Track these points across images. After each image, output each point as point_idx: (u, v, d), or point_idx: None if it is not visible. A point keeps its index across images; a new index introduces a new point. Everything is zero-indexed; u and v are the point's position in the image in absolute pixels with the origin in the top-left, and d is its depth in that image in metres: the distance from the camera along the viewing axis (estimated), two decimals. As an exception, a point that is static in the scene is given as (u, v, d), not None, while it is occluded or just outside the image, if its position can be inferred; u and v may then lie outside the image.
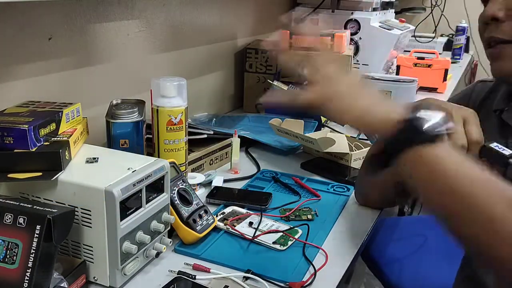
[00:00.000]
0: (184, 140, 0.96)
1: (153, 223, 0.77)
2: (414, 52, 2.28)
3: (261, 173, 1.18)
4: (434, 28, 3.01)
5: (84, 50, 1.07)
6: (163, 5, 1.30)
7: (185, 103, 0.94)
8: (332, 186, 1.12)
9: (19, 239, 0.61)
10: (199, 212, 0.87)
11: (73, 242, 0.73)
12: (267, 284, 0.74)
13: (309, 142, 1.22)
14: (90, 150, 0.83)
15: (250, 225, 0.91)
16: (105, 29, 1.12)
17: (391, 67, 2.18)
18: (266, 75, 1.67)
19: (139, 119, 0.91)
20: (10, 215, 0.63)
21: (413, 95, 1.79)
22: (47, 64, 0.99)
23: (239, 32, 1.73)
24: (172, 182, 0.83)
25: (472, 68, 3.33)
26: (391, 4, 2.18)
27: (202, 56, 1.52)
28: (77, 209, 0.70)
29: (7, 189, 0.75)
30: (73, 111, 0.85)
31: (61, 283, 0.66)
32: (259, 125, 1.47)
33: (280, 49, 0.69)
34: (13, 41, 0.91)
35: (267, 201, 0.99)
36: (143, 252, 0.77)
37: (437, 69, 2.13)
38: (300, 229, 0.90)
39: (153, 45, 1.29)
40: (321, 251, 0.85)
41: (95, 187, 0.68)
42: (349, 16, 1.93)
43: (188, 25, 1.41)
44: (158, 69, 1.33)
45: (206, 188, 1.08)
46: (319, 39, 0.72)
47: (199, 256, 0.82)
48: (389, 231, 1.45)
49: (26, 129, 0.72)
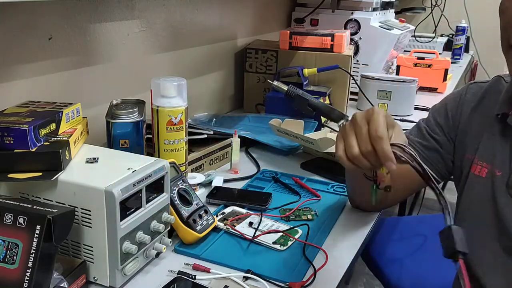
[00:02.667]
0: (184, 140, 0.96)
1: (153, 223, 0.77)
2: (414, 52, 2.28)
3: (261, 173, 1.18)
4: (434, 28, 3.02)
5: (84, 50, 1.07)
6: (163, 5, 1.30)
7: (185, 103, 0.94)
8: (332, 186, 1.12)
9: (19, 239, 0.61)
10: (199, 212, 0.87)
11: (73, 242, 0.73)
12: (267, 284, 0.74)
13: (309, 142, 1.22)
14: (90, 150, 0.83)
15: (250, 225, 0.91)
16: (105, 29, 1.12)
17: (391, 67, 2.19)
18: (266, 75, 1.67)
19: (139, 119, 0.91)
20: (10, 215, 0.63)
21: (413, 95, 1.79)
22: (47, 64, 0.99)
23: (239, 32, 1.74)
24: (172, 182, 0.83)
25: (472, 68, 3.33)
26: (391, 4, 2.18)
27: (202, 56, 1.52)
28: (77, 209, 0.70)
29: (7, 189, 0.75)
30: (73, 111, 0.85)
31: (61, 283, 0.66)
32: (259, 125, 1.47)
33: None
34: (13, 41, 0.91)
35: (267, 201, 0.99)
36: (143, 252, 0.77)
37: (437, 69, 2.13)
38: (300, 229, 0.90)
39: (153, 45, 1.29)
40: (321, 251, 0.85)
41: (95, 187, 0.68)
42: (349, 16, 1.93)
43: (188, 25, 1.41)
44: (158, 69, 1.33)
45: (206, 188, 1.08)
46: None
47: (199, 256, 0.82)
48: (389, 231, 1.45)
49: (26, 129, 0.72)
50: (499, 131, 0.85)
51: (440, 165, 0.94)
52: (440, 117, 0.95)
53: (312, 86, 1.60)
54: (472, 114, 0.90)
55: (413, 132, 0.98)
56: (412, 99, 1.79)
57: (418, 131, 0.97)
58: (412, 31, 2.32)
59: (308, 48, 1.62)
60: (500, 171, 0.82)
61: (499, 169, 0.83)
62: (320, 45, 1.61)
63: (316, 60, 1.61)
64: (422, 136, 0.96)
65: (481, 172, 0.85)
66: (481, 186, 0.85)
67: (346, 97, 1.66)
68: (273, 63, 1.66)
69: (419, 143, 0.95)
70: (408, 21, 2.42)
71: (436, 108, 0.98)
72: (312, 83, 1.62)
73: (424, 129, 0.96)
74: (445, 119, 0.94)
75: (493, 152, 0.84)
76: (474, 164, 0.87)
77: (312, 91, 1.51)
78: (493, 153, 0.84)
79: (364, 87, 1.77)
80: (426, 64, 2.15)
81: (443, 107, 0.96)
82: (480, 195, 0.85)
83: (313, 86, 1.61)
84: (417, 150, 0.95)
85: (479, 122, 0.89)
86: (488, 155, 0.85)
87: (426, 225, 1.51)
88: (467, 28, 2.93)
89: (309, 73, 1.56)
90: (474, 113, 0.90)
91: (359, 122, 0.71)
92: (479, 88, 0.92)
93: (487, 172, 0.85)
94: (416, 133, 0.97)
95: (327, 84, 1.62)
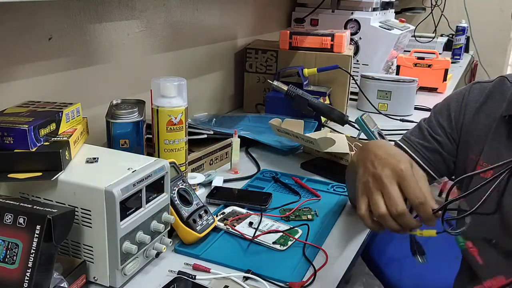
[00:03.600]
0: (184, 140, 0.96)
1: (153, 223, 0.77)
2: (414, 52, 2.28)
3: (261, 173, 1.18)
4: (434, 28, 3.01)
5: (84, 50, 1.07)
6: (163, 5, 1.30)
7: (185, 103, 0.94)
8: (332, 186, 1.12)
9: (19, 239, 0.61)
10: (199, 212, 0.87)
11: (73, 242, 0.73)
12: (267, 284, 0.74)
13: (309, 142, 1.22)
14: (90, 150, 0.83)
15: (250, 225, 0.91)
16: (105, 29, 1.12)
17: (391, 67, 2.18)
18: (266, 75, 1.67)
19: (139, 119, 0.91)
20: (10, 215, 0.63)
21: (413, 95, 1.79)
22: (47, 64, 0.99)
23: (239, 32, 1.73)
24: (172, 182, 0.83)
25: (472, 68, 3.33)
26: (391, 4, 2.18)
27: (202, 56, 1.52)
28: (77, 209, 0.70)
29: (7, 189, 0.75)
30: (73, 111, 0.85)
31: (61, 283, 0.66)
32: (259, 125, 1.47)
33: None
34: (13, 41, 0.91)
35: (267, 201, 0.99)
36: (143, 252, 0.77)
37: (437, 69, 2.13)
38: (300, 229, 0.90)
39: (153, 45, 1.29)
40: (321, 251, 0.85)
41: (95, 187, 0.68)
42: (349, 16, 1.93)
43: (188, 25, 1.41)
44: (158, 69, 1.33)
45: (206, 188, 1.08)
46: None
47: (199, 256, 0.82)
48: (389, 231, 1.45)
49: (26, 129, 0.72)
50: (506, 133, 0.84)
51: (441, 166, 0.94)
52: (442, 118, 0.94)
53: (312, 86, 1.60)
54: (476, 114, 0.89)
55: (414, 133, 0.98)
56: (412, 99, 1.79)
57: (419, 132, 0.97)
58: (412, 31, 2.32)
59: (308, 48, 1.62)
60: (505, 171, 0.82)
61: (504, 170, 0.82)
62: (320, 45, 1.61)
63: (316, 60, 1.61)
64: (423, 137, 0.95)
65: (486, 174, 0.85)
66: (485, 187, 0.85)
67: (346, 97, 1.66)
68: (273, 63, 1.66)
69: (420, 144, 0.95)
70: (408, 21, 2.42)
71: (438, 108, 0.97)
72: (312, 83, 1.62)
73: (425, 130, 0.95)
74: (448, 120, 0.93)
75: (498, 153, 0.84)
76: (479, 165, 0.86)
77: (312, 91, 1.51)
78: (498, 154, 0.84)
79: (364, 87, 1.77)
80: (426, 64, 2.15)
81: (446, 107, 0.95)
82: (484, 196, 0.85)
83: (313, 86, 1.61)
84: (418, 151, 0.94)
85: (484, 123, 0.88)
86: (493, 156, 0.84)
87: (426, 225, 1.51)
88: (467, 28, 2.93)
89: (309, 73, 1.56)
90: (478, 113, 0.89)
91: (387, 183, 0.69)
92: (482, 88, 0.91)
93: (492, 173, 0.84)
94: (417, 133, 0.97)
95: (327, 84, 1.62)
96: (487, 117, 0.88)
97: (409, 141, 0.97)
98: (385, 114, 1.72)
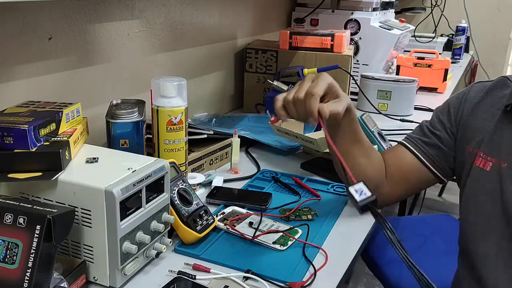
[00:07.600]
0: (184, 140, 0.96)
1: (153, 223, 0.77)
2: (414, 52, 2.28)
3: (261, 173, 1.18)
4: (434, 28, 3.01)
5: (84, 50, 1.07)
6: (163, 5, 1.30)
7: (185, 103, 0.94)
8: (332, 186, 1.12)
9: (19, 239, 0.61)
10: (199, 212, 0.87)
11: (73, 242, 0.73)
12: (267, 284, 0.74)
13: (309, 142, 1.22)
14: (90, 150, 0.83)
15: (250, 225, 0.91)
16: (105, 29, 1.12)
17: (391, 67, 2.19)
18: (266, 75, 1.67)
19: (139, 119, 0.91)
20: (10, 215, 0.63)
21: (413, 95, 1.79)
22: (47, 64, 0.99)
23: (239, 32, 1.74)
24: (172, 182, 0.83)
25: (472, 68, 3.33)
26: (391, 4, 2.17)
27: (202, 56, 1.52)
28: (77, 209, 0.70)
29: (7, 189, 0.75)
30: (73, 111, 0.85)
31: (61, 283, 0.66)
32: (259, 125, 1.47)
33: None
34: (13, 41, 0.91)
35: (267, 201, 0.99)
36: (143, 252, 0.77)
37: (437, 69, 2.13)
38: (300, 229, 0.90)
39: (153, 45, 1.29)
40: (321, 251, 0.85)
41: (95, 187, 0.68)
42: (349, 16, 1.93)
43: (188, 25, 1.41)
44: (158, 69, 1.33)
45: (206, 188, 1.08)
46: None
47: (199, 256, 0.82)
48: (389, 231, 1.45)
49: (26, 129, 0.72)
50: (507, 123, 0.85)
51: (442, 162, 0.95)
52: (443, 115, 0.97)
53: (312, 86, 1.59)
54: (475, 109, 0.91)
55: (415, 131, 1.01)
56: (412, 99, 1.79)
57: (419, 130, 1.00)
58: (412, 31, 2.32)
59: (308, 48, 1.62)
60: (505, 162, 0.83)
61: (505, 161, 0.83)
62: (320, 45, 1.61)
63: (316, 60, 1.61)
64: (423, 133, 0.98)
65: (485, 166, 0.86)
66: (485, 178, 0.86)
67: (346, 97, 1.66)
68: (273, 63, 1.66)
69: (420, 140, 0.97)
70: (408, 21, 2.42)
71: (440, 107, 1.00)
72: (312, 83, 1.61)
73: (425, 127, 0.99)
74: (447, 115, 0.96)
75: (499, 144, 0.85)
76: (478, 157, 0.87)
77: (312, 91, 1.51)
78: (499, 146, 0.85)
79: (364, 87, 1.77)
80: (426, 64, 2.15)
81: (446, 105, 0.98)
82: (485, 187, 0.85)
83: (313, 86, 1.60)
84: (418, 146, 0.97)
85: (482, 116, 0.90)
86: (493, 149, 0.86)
87: (426, 225, 1.51)
88: (467, 28, 2.93)
89: (309, 73, 1.56)
90: (477, 108, 0.91)
91: (307, 78, 0.84)
92: (483, 86, 0.94)
93: (491, 165, 0.85)
94: (418, 131, 1.00)
95: (327, 84, 1.62)
96: (486, 110, 0.90)
97: (410, 138, 1.00)
98: (385, 114, 1.72)
